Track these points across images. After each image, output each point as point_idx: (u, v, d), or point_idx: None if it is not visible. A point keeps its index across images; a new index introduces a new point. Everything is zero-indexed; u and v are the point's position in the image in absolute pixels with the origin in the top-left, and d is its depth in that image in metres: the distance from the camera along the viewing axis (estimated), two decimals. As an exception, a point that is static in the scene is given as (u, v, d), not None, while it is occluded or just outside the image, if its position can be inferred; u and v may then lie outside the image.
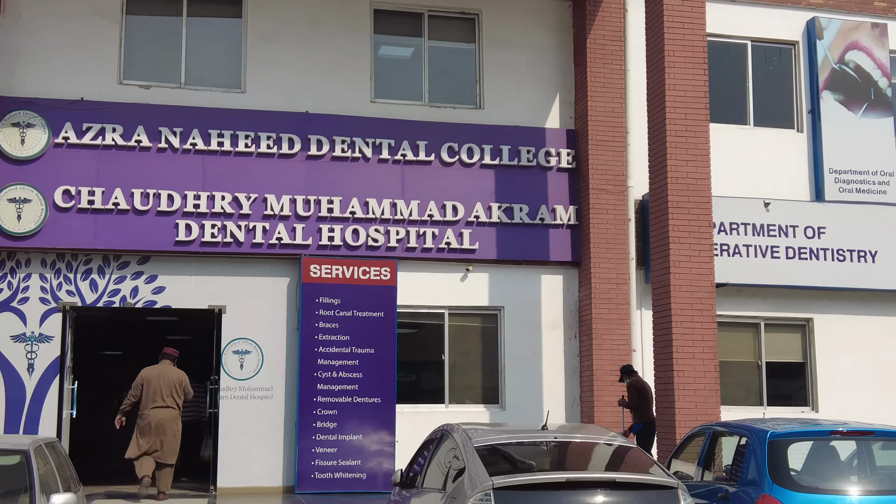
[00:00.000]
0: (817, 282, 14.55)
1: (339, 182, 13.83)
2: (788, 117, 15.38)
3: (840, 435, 7.95)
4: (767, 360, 14.80)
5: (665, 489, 6.76)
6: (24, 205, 12.92)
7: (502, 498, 6.54)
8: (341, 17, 14.28)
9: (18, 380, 12.89)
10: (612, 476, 6.92)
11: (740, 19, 15.23)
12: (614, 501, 6.61)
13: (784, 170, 15.01)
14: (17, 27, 13.40)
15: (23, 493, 8.14)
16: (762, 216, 14.48)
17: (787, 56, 15.52)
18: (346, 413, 13.29)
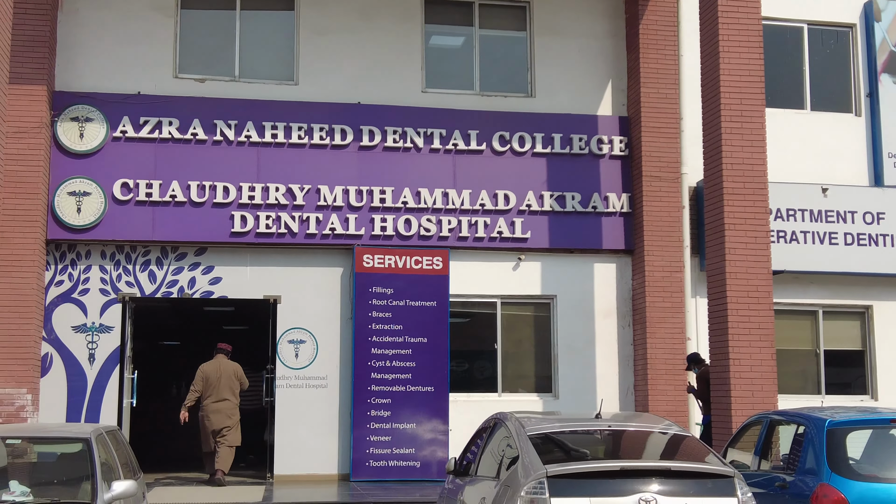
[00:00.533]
0: (877, 268, 14.41)
1: (391, 172, 13.92)
2: (846, 101, 15.22)
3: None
4: (825, 349, 14.68)
5: (721, 478, 6.81)
6: (83, 198, 13.18)
7: (556, 486, 6.64)
8: (392, 7, 14.36)
9: (80, 370, 13.17)
10: (667, 465, 6.98)
11: (796, 2, 15.06)
12: (669, 490, 6.68)
13: (842, 154, 14.85)
14: (75, 22, 13.65)
15: (85, 481, 8.38)
16: (820, 202, 14.36)
17: (843, 39, 15.34)
18: (400, 402, 13.40)
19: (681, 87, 14.41)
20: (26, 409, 12.52)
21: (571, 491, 6.62)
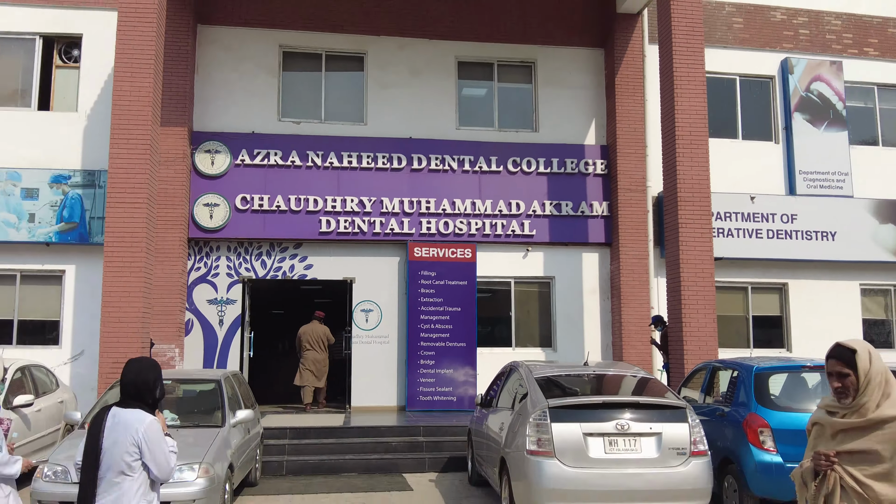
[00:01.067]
0: (791, 255, 14.35)
1: (433, 188, 13.98)
2: (768, 132, 15.12)
3: (808, 369, 8.06)
4: (753, 314, 14.67)
5: (677, 409, 6.99)
6: (214, 208, 13.38)
7: (555, 414, 6.84)
8: (434, 67, 14.41)
9: (213, 331, 13.42)
10: (637, 399, 7.16)
11: (731, 60, 15.01)
12: (638, 417, 6.86)
13: (765, 172, 14.76)
14: (207, 82, 13.83)
15: (216, 410, 8.68)
16: (749, 207, 14.34)
17: (766, 87, 15.25)
18: (441, 353, 13.52)
19: (646, 124, 14.37)
20: (174, 359, 12.77)
21: (566, 418, 6.81)
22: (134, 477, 3.88)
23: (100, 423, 3.92)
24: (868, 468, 2.96)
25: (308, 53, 14.29)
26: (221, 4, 13.90)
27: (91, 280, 12.84)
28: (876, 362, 3.05)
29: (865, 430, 3.01)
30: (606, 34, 14.73)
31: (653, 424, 6.77)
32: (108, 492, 3.85)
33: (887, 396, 3.01)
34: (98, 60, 13.43)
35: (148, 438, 3.87)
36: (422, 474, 10.37)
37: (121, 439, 3.87)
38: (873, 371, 3.02)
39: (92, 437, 3.91)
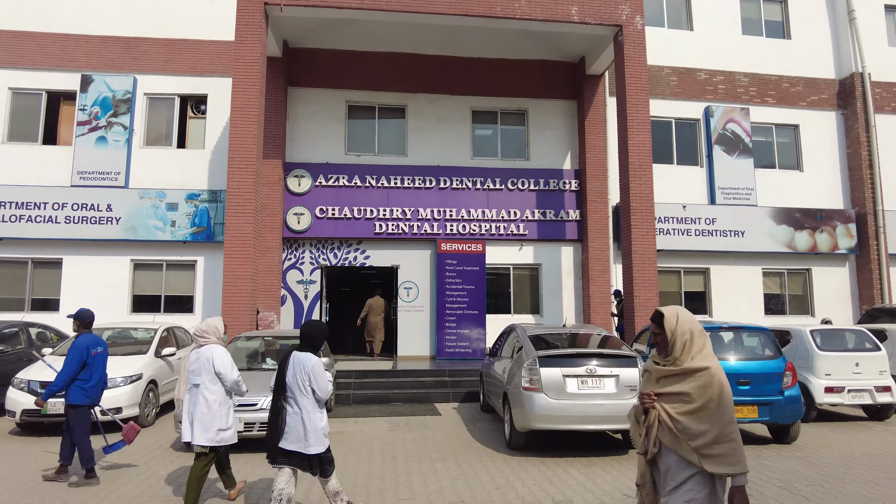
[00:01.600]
0: (711, 248, 14.31)
1: (455, 201, 14.03)
2: (695, 159, 15.02)
3: (724, 329, 8.13)
4: (685, 290, 14.66)
5: (630, 357, 7.08)
6: (300, 216, 13.49)
7: (543, 361, 6.97)
8: (454, 115, 14.46)
9: (300, 303, 13.58)
10: (601, 350, 7.24)
11: (668, 108, 14.95)
12: (602, 364, 6.97)
13: (693, 188, 14.70)
14: (294, 126, 13.95)
15: None
16: (681, 213, 14.29)
17: (693, 126, 15.12)
18: (460, 318, 13.60)
19: (607, 153, 14.39)
20: (274, 322, 12.97)
21: (550, 364, 6.94)
22: (307, 396, 4.48)
23: (285, 361, 4.57)
24: (680, 406, 2.89)
25: (365, 106, 14.37)
26: (304, 72, 14.04)
27: (215, 267, 13.10)
28: (682, 324, 2.94)
29: (680, 377, 2.92)
30: (578, 90, 14.71)
31: (612, 369, 6.89)
32: (292, 405, 4.49)
33: (700, 350, 2.91)
34: (218, 112, 13.65)
35: (314, 371, 4.48)
36: (447, 404, 10.52)
37: (298, 371, 4.48)
38: (679, 330, 2.92)
39: (281, 369, 4.57)
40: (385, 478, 6.10)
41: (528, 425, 6.82)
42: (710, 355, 2.94)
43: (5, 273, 13.07)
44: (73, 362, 5.88)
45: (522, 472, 6.30)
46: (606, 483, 5.90)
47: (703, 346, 2.95)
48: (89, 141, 13.17)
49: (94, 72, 13.45)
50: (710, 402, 2.84)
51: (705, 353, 2.93)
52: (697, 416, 2.86)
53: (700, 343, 2.95)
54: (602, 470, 6.36)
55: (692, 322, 2.96)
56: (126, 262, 13.15)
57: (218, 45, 13.72)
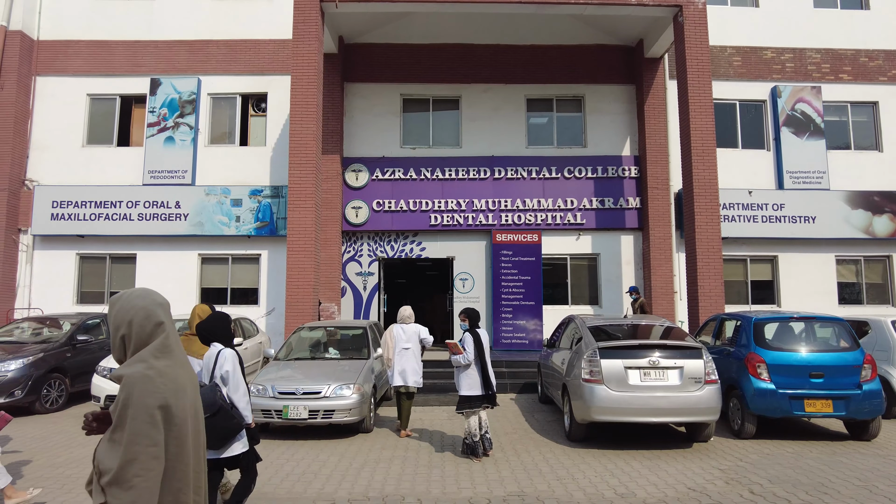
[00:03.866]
0: (779, 235, 13.66)
1: (510, 191, 13.95)
2: (761, 143, 14.37)
3: (794, 319, 7.80)
4: (752, 279, 14.07)
5: (694, 349, 6.89)
6: (358, 210, 13.75)
7: (603, 353, 6.88)
8: (509, 104, 14.36)
9: (359, 294, 13.85)
10: (664, 342, 7.08)
11: (732, 90, 14.33)
12: (665, 356, 6.81)
13: (759, 172, 14.05)
14: (352, 122, 14.20)
15: (364, 347, 8.96)
16: (747, 199, 13.71)
17: (759, 108, 14.44)
18: (517, 309, 13.54)
19: (668, 139, 13.97)
20: (335, 313, 13.10)
21: (612, 356, 6.84)
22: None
23: (478, 336, 6.59)
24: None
25: (420, 99, 14.45)
26: (360, 68, 14.24)
27: (278, 261, 13.52)
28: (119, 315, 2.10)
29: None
30: (636, 74, 14.32)
31: (676, 360, 6.72)
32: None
33: (136, 351, 2.10)
34: (278, 110, 14.03)
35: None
36: (505, 394, 10.50)
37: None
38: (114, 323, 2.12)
39: (478, 341, 6.54)
40: (445, 465, 6.18)
41: (588, 417, 6.75)
42: (138, 360, 2.05)
43: (87, 268, 13.93)
44: None
45: (583, 463, 6.25)
46: (670, 476, 5.78)
47: (143, 345, 2.07)
48: (158, 141, 13.82)
49: (162, 75, 14.07)
50: (116, 420, 1.99)
51: (140, 355, 2.06)
52: (110, 440, 2.01)
53: (138, 340, 2.08)
54: (665, 463, 6.23)
55: (131, 313, 2.09)
56: (194, 256, 13.75)
57: (276, 43, 14.08)
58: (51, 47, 14.31)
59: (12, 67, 13.73)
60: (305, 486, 5.50)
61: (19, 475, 5.82)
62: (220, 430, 3.96)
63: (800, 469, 6.02)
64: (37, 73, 14.23)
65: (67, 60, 14.26)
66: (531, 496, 5.24)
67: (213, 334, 4.38)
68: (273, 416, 7.25)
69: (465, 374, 6.51)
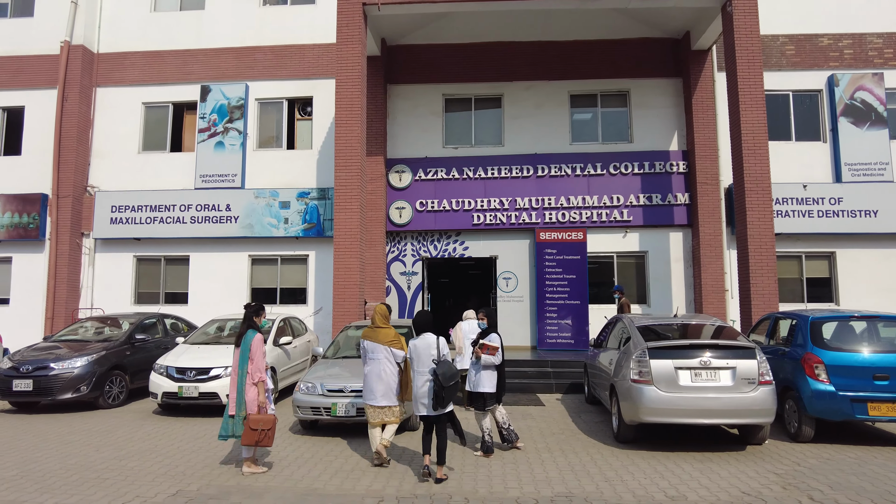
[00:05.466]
0: (837, 230, 13.10)
1: (553, 189, 13.84)
2: (817, 134, 13.79)
3: (855, 318, 7.50)
4: (807, 277, 13.53)
5: (747, 349, 6.71)
6: (402, 210, 13.88)
7: (653, 353, 6.77)
8: (552, 101, 14.24)
9: (403, 293, 14.00)
10: (716, 341, 6.91)
11: (785, 80, 13.83)
12: (717, 355, 6.66)
13: (815, 165, 13.49)
14: (395, 123, 14.36)
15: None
16: (802, 193, 13.21)
17: (815, 98, 13.87)
18: (562, 308, 13.39)
19: (717, 132, 13.60)
20: (379, 313, 13.47)
21: (661, 356, 6.72)
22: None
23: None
24: None
25: (462, 98, 14.48)
26: (402, 69, 14.37)
27: (325, 261, 13.80)
28: None
29: None
30: (683, 67, 13.99)
31: (728, 361, 6.55)
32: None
33: None
34: (323, 113, 14.31)
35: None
36: (550, 395, 10.47)
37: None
38: None
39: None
40: (492, 465, 6.19)
41: (637, 418, 6.65)
42: None
43: (143, 270, 14.52)
44: None
45: (631, 465, 6.16)
46: (722, 479, 5.63)
47: None
48: (209, 146, 14.28)
49: (212, 82, 14.54)
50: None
51: None
52: None
53: None
54: (717, 466, 6.08)
55: None
56: (244, 257, 14.16)
57: (321, 48, 14.35)
58: (109, 59, 14.98)
59: (75, 80, 14.44)
60: (354, 483, 5.60)
61: (89, 467, 6.13)
62: (453, 393, 5.76)
63: (864, 476, 5.78)
64: (97, 85, 14.93)
65: (124, 71, 14.90)
66: (579, 497, 5.20)
67: (423, 327, 6.09)
68: (322, 413, 7.40)
69: (488, 374, 6.67)
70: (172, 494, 5.25)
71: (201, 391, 8.59)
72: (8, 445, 7.11)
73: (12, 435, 7.67)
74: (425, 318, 6.14)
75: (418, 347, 5.95)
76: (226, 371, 8.68)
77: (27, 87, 14.89)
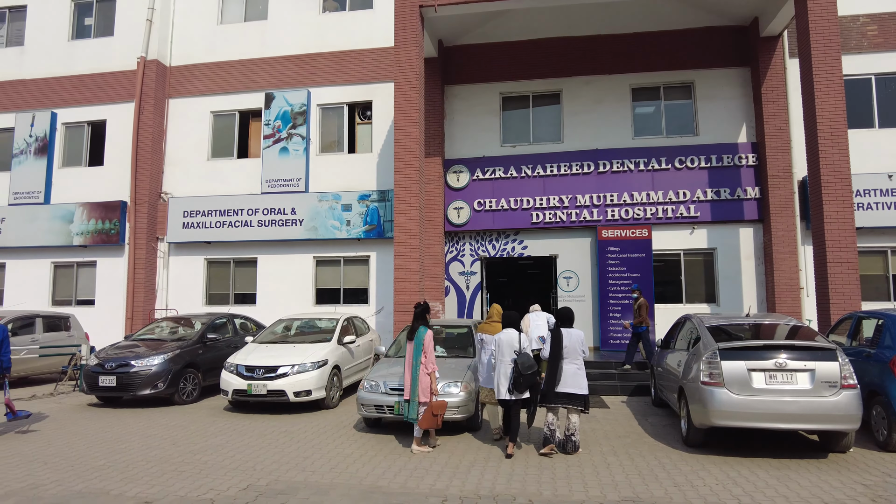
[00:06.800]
0: (930, 222, 12.24)
1: (616, 185, 13.54)
2: (905, 120, 12.96)
3: (950, 320, 6.91)
4: (893, 273, 12.68)
5: (828, 350, 6.35)
6: (460, 210, 13.92)
7: (724, 354, 6.51)
8: (612, 95, 13.95)
9: (462, 293, 14.03)
10: (793, 342, 6.56)
11: (867, 63, 13.00)
12: (794, 357, 6.33)
13: (902, 153, 12.69)
14: (452, 123, 14.43)
15: (469, 346, 8.96)
16: (887, 184, 12.38)
17: (902, 82, 13.04)
18: (626, 308, 13.08)
19: (789, 122, 12.94)
20: (439, 312, 13.51)
21: (733, 357, 6.45)
22: (580, 357, 6.70)
23: (560, 333, 6.70)
24: None
25: (519, 96, 14.38)
26: (459, 69, 14.41)
27: (386, 261, 14.01)
28: None
29: None
30: (751, 55, 13.38)
31: (806, 362, 6.20)
32: (571, 362, 6.66)
33: None
34: (382, 116, 14.53)
35: (523, 339, 6.68)
36: (615, 397, 10.24)
37: (574, 339, 6.69)
38: None
39: (556, 339, 6.69)
40: (556, 467, 6.10)
41: (707, 422, 6.39)
42: None
43: (214, 272, 15.17)
44: None
45: (702, 470, 5.93)
46: (802, 489, 5.33)
47: None
48: (274, 152, 14.76)
49: (275, 89, 15.02)
50: None
51: None
52: None
53: None
54: (796, 474, 5.76)
55: None
56: (309, 259, 14.55)
57: (379, 52, 14.58)
58: (180, 72, 15.74)
59: (150, 92, 15.26)
60: (418, 482, 5.65)
61: (167, 460, 6.45)
62: (530, 381, 6.50)
63: (962, 487, 5.34)
64: (169, 96, 15.72)
65: (193, 82, 15.62)
66: (647, 502, 5.05)
67: (509, 324, 6.93)
68: (385, 411, 7.49)
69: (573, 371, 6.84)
70: (243, 489, 5.45)
71: (269, 389, 8.86)
72: (97, 437, 7.58)
73: (101, 427, 8.17)
74: (512, 316, 7.03)
75: (503, 340, 6.73)
76: (293, 369, 8.94)
77: (108, 102, 15.85)
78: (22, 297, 15.58)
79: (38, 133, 16.05)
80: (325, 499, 5.16)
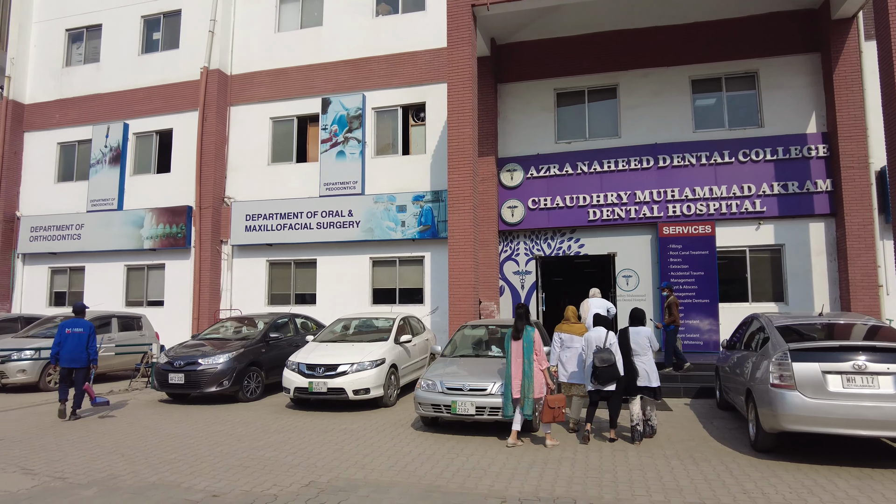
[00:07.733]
0: None
1: (676, 180, 13.13)
2: None
3: None
4: None
5: (911, 352, 5.92)
6: (514, 209, 13.83)
7: (795, 355, 6.21)
8: (671, 87, 13.52)
9: (517, 293, 13.93)
10: (874, 343, 6.17)
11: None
12: (874, 359, 5.97)
13: None
14: (505, 121, 14.34)
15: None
16: (977, 172, 11.48)
17: None
18: (689, 308, 12.69)
19: (865, 109, 12.20)
20: (494, 312, 13.44)
21: (805, 358, 6.14)
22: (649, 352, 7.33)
23: (626, 332, 7.40)
24: None
25: (574, 91, 14.14)
26: (511, 67, 14.31)
27: (440, 261, 14.07)
28: None
29: None
30: (821, 40, 12.68)
31: (890, 365, 5.81)
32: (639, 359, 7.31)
33: None
34: (436, 117, 14.60)
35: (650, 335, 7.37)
36: (678, 399, 9.94)
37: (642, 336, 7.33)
38: None
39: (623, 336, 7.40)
40: (617, 470, 5.96)
41: (777, 426, 6.09)
42: None
43: (275, 273, 15.63)
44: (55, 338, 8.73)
45: (773, 476, 5.65)
46: (888, 501, 5.00)
47: None
48: (331, 156, 15.07)
49: (331, 94, 15.34)
50: None
51: None
52: None
53: None
54: (880, 485, 5.41)
55: None
56: (366, 259, 14.78)
57: (432, 53, 14.65)
58: (240, 80, 16.30)
59: (212, 101, 15.88)
60: (476, 482, 5.63)
61: (233, 455, 6.68)
62: (609, 374, 7.04)
63: None
64: (230, 104, 16.30)
65: (253, 90, 16.14)
66: (714, 509, 4.85)
67: (598, 323, 7.48)
68: (442, 410, 7.51)
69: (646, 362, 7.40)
70: (305, 485, 5.57)
71: (330, 386, 9.05)
72: (169, 432, 7.93)
73: (172, 422, 8.56)
74: (603, 318, 7.60)
75: (591, 338, 7.39)
76: (352, 367, 9.09)
77: (174, 111, 16.60)
78: (100, 299, 16.51)
79: (112, 143, 16.98)
80: (385, 497, 5.21)
